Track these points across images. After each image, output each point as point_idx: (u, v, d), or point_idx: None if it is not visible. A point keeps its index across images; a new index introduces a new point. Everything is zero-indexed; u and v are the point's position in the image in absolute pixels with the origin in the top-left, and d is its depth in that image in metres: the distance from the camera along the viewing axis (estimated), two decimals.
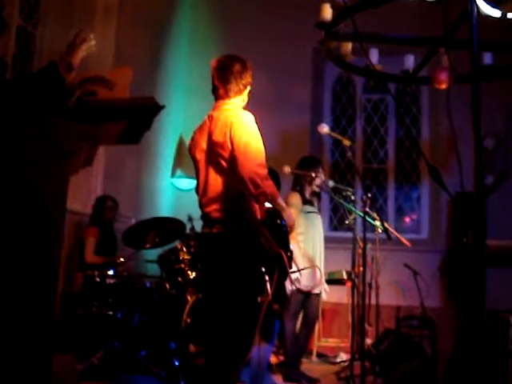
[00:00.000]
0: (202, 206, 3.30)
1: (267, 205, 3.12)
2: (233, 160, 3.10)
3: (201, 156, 3.31)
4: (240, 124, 3.16)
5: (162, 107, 2.35)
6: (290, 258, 3.18)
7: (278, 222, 3.15)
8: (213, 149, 3.22)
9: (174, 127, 7.42)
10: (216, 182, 3.21)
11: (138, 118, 2.34)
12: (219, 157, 3.18)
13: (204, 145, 3.29)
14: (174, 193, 7.78)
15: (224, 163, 3.16)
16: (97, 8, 6.30)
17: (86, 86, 2.29)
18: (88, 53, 2.45)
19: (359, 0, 3.39)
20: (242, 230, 3.14)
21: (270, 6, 7.86)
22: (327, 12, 3.81)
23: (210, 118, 3.32)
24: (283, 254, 3.09)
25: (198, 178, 3.34)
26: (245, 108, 3.40)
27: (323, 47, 4.02)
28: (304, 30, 4.93)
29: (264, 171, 3.10)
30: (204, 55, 7.68)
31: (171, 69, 7.75)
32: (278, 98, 7.78)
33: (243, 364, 3.21)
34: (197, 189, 3.34)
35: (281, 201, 3.21)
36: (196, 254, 5.10)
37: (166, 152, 7.63)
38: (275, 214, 3.15)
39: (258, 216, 3.13)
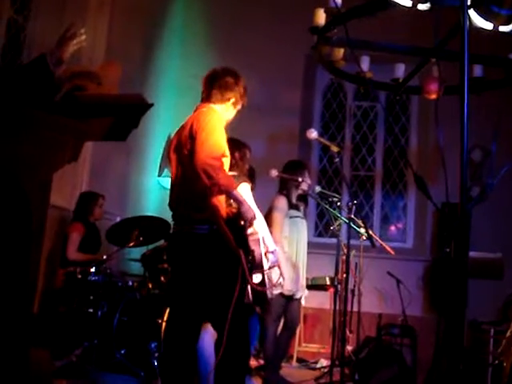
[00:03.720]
0: (171, 205, 3.36)
1: (233, 205, 3.17)
2: (192, 154, 3.13)
3: (173, 156, 3.37)
4: (205, 120, 3.21)
5: (151, 105, 2.33)
6: (252, 261, 3.20)
7: (241, 223, 3.18)
8: (181, 147, 3.29)
9: (163, 126, 7.39)
10: (183, 180, 3.27)
11: (126, 115, 2.33)
12: (184, 154, 3.24)
13: (176, 145, 3.35)
14: (160, 192, 7.74)
15: (189, 160, 3.20)
16: (90, 2, 6.26)
17: (74, 80, 2.27)
18: (78, 47, 2.43)
19: (352, 7, 3.40)
20: (209, 229, 3.17)
21: (264, 9, 7.85)
22: (320, 17, 3.81)
23: (187, 119, 3.39)
24: (242, 254, 3.12)
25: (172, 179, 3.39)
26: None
27: (315, 52, 4.02)
28: (297, 34, 4.93)
29: (218, 163, 3.11)
30: (195, 54, 7.69)
31: (162, 67, 7.73)
32: (269, 102, 7.77)
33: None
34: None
35: (238, 193, 3.22)
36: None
37: (154, 151, 7.59)
38: (239, 214, 3.18)
39: (222, 212, 3.17)
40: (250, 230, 3.31)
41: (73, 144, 2.11)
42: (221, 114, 3.40)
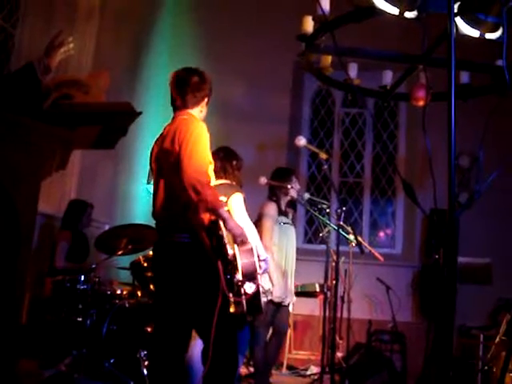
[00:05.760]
0: (153, 214, 3.36)
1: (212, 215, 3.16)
2: (178, 167, 3.12)
3: (154, 165, 3.38)
4: (189, 131, 3.19)
5: (139, 113, 2.33)
6: (230, 270, 3.19)
7: (220, 232, 3.17)
8: (163, 157, 3.28)
9: (151, 134, 7.31)
10: (165, 190, 3.28)
11: (114, 123, 2.32)
12: (168, 164, 3.24)
13: (157, 154, 3.35)
14: (149, 199, 7.68)
15: (172, 171, 3.20)
16: (78, 10, 6.24)
17: (62, 88, 2.27)
18: (66, 55, 2.43)
19: (341, 14, 3.41)
20: (190, 238, 3.18)
21: (252, 17, 7.87)
22: (309, 24, 3.82)
23: (166, 128, 3.39)
24: (219, 263, 3.11)
25: (154, 188, 3.39)
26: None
27: (303, 59, 4.03)
28: (285, 41, 4.94)
29: (206, 179, 3.13)
30: (184, 63, 7.62)
31: (151, 74, 7.71)
32: (257, 109, 7.78)
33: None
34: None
35: (223, 211, 3.20)
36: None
37: (142, 158, 7.57)
38: (218, 223, 3.17)
39: (205, 222, 3.17)
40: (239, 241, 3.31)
41: (61, 152, 2.11)
42: (201, 119, 3.40)
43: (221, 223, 3.17)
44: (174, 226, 3.24)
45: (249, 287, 3.28)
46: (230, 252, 3.21)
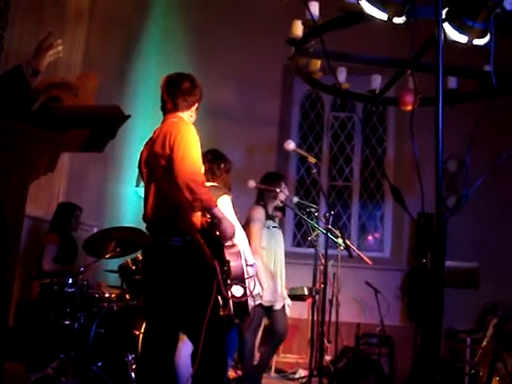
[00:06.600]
0: (144, 217, 3.36)
1: (208, 215, 3.17)
2: (171, 168, 3.13)
3: (145, 169, 3.39)
4: (179, 133, 3.21)
5: (128, 117, 2.33)
6: (227, 271, 3.21)
7: (217, 233, 3.19)
8: (153, 160, 3.29)
9: (140, 136, 7.30)
10: (157, 194, 3.29)
11: (102, 126, 2.32)
12: (159, 167, 3.25)
13: (147, 157, 3.35)
14: (138, 202, 7.69)
15: (163, 174, 3.21)
16: (67, 13, 6.22)
17: (50, 91, 2.26)
18: (55, 58, 2.42)
19: (330, 19, 3.43)
20: (182, 241, 3.19)
21: (242, 20, 7.87)
22: (298, 29, 3.84)
23: (156, 131, 3.39)
24: (217, 264, 3.12)
25: (144, 191, 3.38)
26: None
27: (292, 63, 4.05)
28: (275, 45, 4.95)
29: (201, 179, 3.16)
30: (174, 65, 7.64)
31: (140, 77, 7.70)
32: (246, 112, 7.79)
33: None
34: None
35: (218, 210, 3.22)
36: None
37: (131, 161, 7.55)
38: (213, 224, 3.18)
39: (198, 225, 3.18)
40: (229, 243, 3.32)
41: (49, 155, 2.10)
42: (190, 122, 3.41)
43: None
44: (165, 230, 3.25)
45: (236, 290, 3.29)
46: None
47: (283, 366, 6.75)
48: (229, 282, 3.23)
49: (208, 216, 3.22)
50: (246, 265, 3.53)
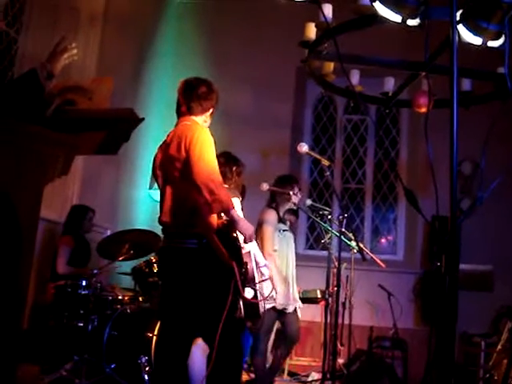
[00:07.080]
0: (160, 220, 3.36)
1: (224, 217, 3.17)
2: (188, 170, 3.15)
3: (160, 172, 3.39)
4: (195, 135, 3.22)
5: (142, 119, 2.33)
6: (244, 272, 3.20)
7: (234, 234, 3.18)
8: (169, 163, 3.30)
9: (154, 139, 7.32)
10: (172, 196, 3.28)
11: (117, 129, 2.32)
12: (175, 170, 3.25)
13: (162, 160, 3.36)
14: (150, 205, 7.72)
15: (179, 177, 3.21)
16: (82, 16, 6.26)
17: (65, 94, 2.27)
18: (70, 61, 2.43)
19: (343, 21, 3.42)
20: (198, 244, 3.19)
21: (256, 23, 7.89)
22: (311, 31, 3.84)
23: (170, 134, 3.40)
24: (235, 266, 3.12)
25: (160, 194, 3.39)
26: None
27: (306, 66, 4.04)
28: (288, 47, 4.95)
29: (218, 179, 3.16)
30: (188, 68, 7.68)
31: (154, 80, 7.73)
32: (259, 115, 7.79)
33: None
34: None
35: (234, 212, 3.23)
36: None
37: (145, 164, 7.58)
38: (231, 226, 3.19)
39: (214, 226, 3.17)
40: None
41: (63, 158, 2.11)
42: (204, 126, 3.42)
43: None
44: (181, 232, 3.26)
45: (247, 292, 3.28)
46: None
47: (296, 368, 6.73)
48: None
49: (224, 218, 3.22)
50: (257, 267, 3.53)
